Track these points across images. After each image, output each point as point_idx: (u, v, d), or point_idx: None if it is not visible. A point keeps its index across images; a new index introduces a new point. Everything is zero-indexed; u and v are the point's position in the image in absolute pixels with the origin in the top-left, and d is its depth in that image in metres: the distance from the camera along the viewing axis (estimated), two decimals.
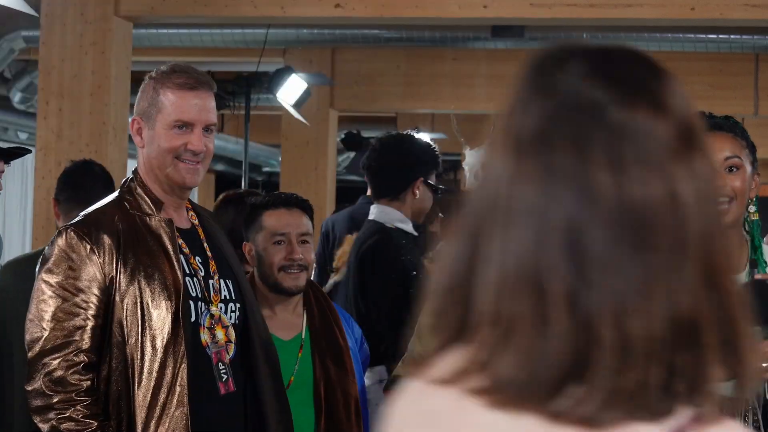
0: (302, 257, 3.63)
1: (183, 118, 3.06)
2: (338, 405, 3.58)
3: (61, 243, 2.96)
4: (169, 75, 3.09)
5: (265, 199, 3.76)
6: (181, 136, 3.06)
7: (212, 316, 3.08)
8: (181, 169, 3.07)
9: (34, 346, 2.92)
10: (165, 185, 3.09)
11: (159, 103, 3.07)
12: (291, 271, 3.62)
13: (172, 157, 3.06)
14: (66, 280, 2.93)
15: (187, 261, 3.06)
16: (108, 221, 3.00)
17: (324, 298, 3.78)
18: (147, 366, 2.92)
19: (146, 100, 3.09)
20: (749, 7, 7.35)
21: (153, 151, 3.07)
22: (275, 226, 3.66)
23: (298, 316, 3.71)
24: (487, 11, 7.67)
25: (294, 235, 3.65)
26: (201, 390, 2.99)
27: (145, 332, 2.93)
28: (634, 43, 9.86)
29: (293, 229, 3.66)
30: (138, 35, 9.19)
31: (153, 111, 3.07)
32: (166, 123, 3.06)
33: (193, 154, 3.07)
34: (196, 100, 3.07)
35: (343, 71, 11.79)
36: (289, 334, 3.66)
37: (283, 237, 3.64)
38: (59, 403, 2.86)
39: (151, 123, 3.08)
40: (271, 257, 3.64)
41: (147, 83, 3.12)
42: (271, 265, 3.63)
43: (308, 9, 7.86)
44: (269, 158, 16.96)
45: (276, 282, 3.64)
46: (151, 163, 3.08)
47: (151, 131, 3.08)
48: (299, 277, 3.63)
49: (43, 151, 7.86)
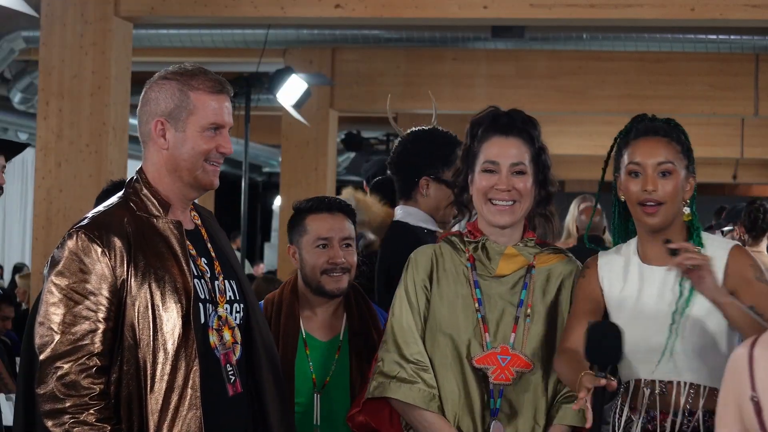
0: (344, 261, 3.73)
1: (218, 121, 3.07)
2: None
3: (72, 245, 2.94)
4: (195, 76, 3.08)
5: (309, 203, 3.84)
6: (214, 138, 3.08)
7: (220, 317, 3.08)
8: (210, 171, 3.09)
9: (44, 350, 2.90)
10: (187, 188, 3.09)
11: (190, 105, 3.05)
12: (333, 274, 3.72)
13: (203, 159, 3.07)
14: (77, 283, 2.92)
15: (194, 262, 3.06)
16: (117, 223, 2.99)
17: (364, 301, 3.84)
18: (159, 369, 2.91)
19: (172, 101, 3.06)
20: (749, 8, 7.35)
21: (184, 153, 3.06)
22: (319, 231, 3.75)
23: (338, 318, 3.78)
24: (487, 11, 7.67)
25: (337, 240, 3.74)
26: (211, 392, 2.99)
27: (156, 335, 2.93)
28: (634, 43, 9.86)
29: (336, 234, 3.75)
30: (138, 35, 9.19)
31: (182, 113, 3.05)
32: (201, 126, 3.06)
33: (221, 156, 3.10)
34: (224, 103, 3.11)
35: (343, 71, 11.79)
36: (328, 335, 3.74)
37: (327, 241, 3.74)
38: (73, 407, 2.86)
39: (180, 125, 3.05)
40: (314, 260, 3.73)
41: (166, 83, 3.08)
42: (314, 268, 3.72)
43: (308, 9, 7.85)
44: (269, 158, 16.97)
45: (319, 284, 3.72)
46: (179, 165, 3.06)
47: (181, 133, 3.06)
48: (341, 279, 3.72)
49: (43, 151, 7.86)
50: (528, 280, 3.38)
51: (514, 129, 3.39)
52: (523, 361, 3.31)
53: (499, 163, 3.35)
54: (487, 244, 3.38)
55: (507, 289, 3.37)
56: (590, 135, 15.33)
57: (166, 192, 3.08)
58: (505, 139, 3.38)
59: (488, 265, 3.38)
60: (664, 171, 3.28)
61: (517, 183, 3.35)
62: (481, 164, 3.37)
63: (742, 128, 13.21)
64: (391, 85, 11.95)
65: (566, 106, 11.91)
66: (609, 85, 11.68)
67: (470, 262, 3.38)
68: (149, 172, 3.09)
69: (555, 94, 11.77)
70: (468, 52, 11.42)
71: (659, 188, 3.25)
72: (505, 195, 3.34)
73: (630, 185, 3.30)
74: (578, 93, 11.76)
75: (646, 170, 3.28)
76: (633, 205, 3.31)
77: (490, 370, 3.29)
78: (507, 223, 3.37)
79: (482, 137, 3.40)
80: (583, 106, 11.94)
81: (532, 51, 11.24)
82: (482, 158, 3.37)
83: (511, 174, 3.35)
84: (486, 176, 3.36)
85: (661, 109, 11.93)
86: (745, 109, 11.43)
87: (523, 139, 3.39)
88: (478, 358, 3.30)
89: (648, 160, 3.28)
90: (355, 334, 3.74)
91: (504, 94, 11.85)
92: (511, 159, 3.36)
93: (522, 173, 3.36)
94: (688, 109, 11.34)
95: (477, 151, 3.40)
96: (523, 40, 9.92)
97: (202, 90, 3.06)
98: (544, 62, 11.66)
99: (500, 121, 3.41)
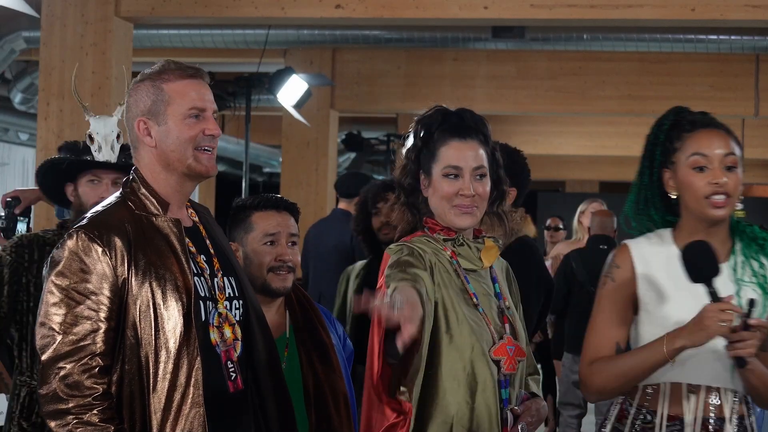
0: (291, 259, 3.68)
1: (197, 105, 3.05)
2: (327, 401, 3.61)
3: (72, 245, 2.94)
4: (165, 69, 3.08)
5: (254, 200, 3.78)
6: (198, 123, 3.06)
7: (220, 314, 3.08)
8: (202, 158, 3.07)
9: (46, 351, 2.90)
10: (183, 180, 3.08)
11: (165, 96, 3.05)
12: (280, 272, 3.66)
13: (192, 147, 3.05)
14: (77, 283, 2.91)
15: (194, 260, 3.06)
16: (116, 222, 2.98)
17: (305, 298, 3.81)
18: (161, 368, 2.91)
19: (148, 99, 3.07)
20: (749, 8, 7.36)
21: (171, 145, 3.05)
22: (266, 227, 3.69)
23: (282, 316, 3.73)
24: (487, 12, 7.68)
25: (284, 236, 3.70)
26: (212, 389, 2.99)
27: (158, 334, 2.92)
28: (635, 43, 9.86)
29: (284, 230, 3.70)
30: (138, 36, 9.20)
31: (160, 107, 3.05)
32: (180, 113, 3.05)
33: (211, 139, 3.07)
34: (201, 88, 3.08)
35: (343, 72, 11.80)
36: (275, 334, 3.65)
37: (274, 237, 3.69)
38: (76, 408, 2.85)
39: (161, 119, 3.05)
40: (261, 257, 3.67)
41: (141, 85, 3.09)
42: (261, 265, 3.66)
43: (309, 10, 7.86)
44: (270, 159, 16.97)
45: (264, 282, 3.66)
46: (169, 158, 3.06)
47: (163, 126, 3.05)
48: (287, 278, 3.67)
49: (43, 151, 7.87)
50: (495, 273, 3.42)
51: (471, 131, 3.37)
52: (521, 350, 3.35)
53: (462, 168, 3.33)
54: (465, 240, 3.39)
55: (486, 282, 3.39)
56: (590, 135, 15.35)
57: (163, 190, 3.08)
58: (464, 143, 3.35)
59: (474, 259, 3.38)
60: (729, 165, 3.16)
61: (479, 187, 3.34)
62: (442, 169, 3.34)
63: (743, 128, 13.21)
64: (391, 85, 11.97)
65: (566, 106, 11.92)
66: (609, 85, 11.69)
67: (454, 258, 3.38)
68: (145, 173, 3.09)
69: (555, 94, 11.78)
70: (468, 52, 11.43)
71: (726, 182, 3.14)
72: (468, 201, 3.33)
73: (695, 179, 3.16)
74: (578, 93, 11.77)
75: (712, 162, 3.15)
76: (698, 199, 3.17)
77: (502, 360, 3.31)
78: (469, 225, 3.37)
79: (438, 140, 3.37)
80: (583, 106, 11.95)
81: (533, 51, 11.25)
82: (442, 163, 3.34)
83: (473, 178, 3.34)
84: (448, 181, 3.34)
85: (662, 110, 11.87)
86: (745, 110, 11.44)
87: (480, 141, 3.38)
88: (494, 350, 3.30)
89: (715, 151, 3.16)
90: (300, 330, 3.70)
91: (504, 95, 11.86)
92: (473, 163, 3.34)
93: (483, 176, 3.36)
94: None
95: (434, 154, 3.36)
96: (523, 40, 9.93)
97: (174, 79, 3.06)
98: (545, 62, 11.68)
99: (453, 121, 3.39)
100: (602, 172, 19.75)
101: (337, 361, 3.70)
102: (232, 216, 3.79)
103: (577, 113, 12.94)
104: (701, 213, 3.18)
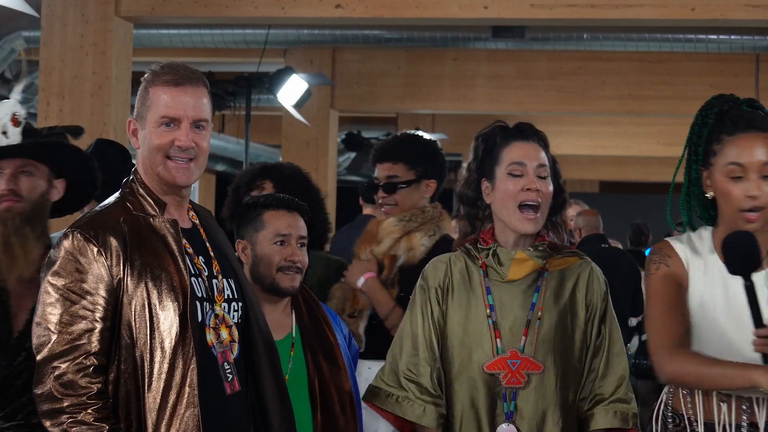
0: (300, 260, 3.70)
1: (169, 114, 3.03)
2: (333, 400, 3.62)
3: (68, 245, 2.95)
4: (158, 74, 3.08)
5: (266, 199, 3.80)
6: (169, 133, 3.04)
7: (217, 315, 3.08)
8: (171, 167, 3.04)
9: (42, 350, 2.90)
10: (161, 185, 3.09)
11: (148, 100, 3.06)
12: (289, 272, 3.68)
13: (162, 155, 3.03)
14: (73, 282, 2.92)
15: (191, 261, 3.06)
16: (113, 223, 2.99)
17: (311, 298, 3.83)
18: (156, 368, 2.91)
19: (139, 101, 3.09)
20: (749, 8, 7.36)
21: (145, 150, 3.06)
22: (278, 227, 3.71)
23: (287, 315, 3.74)
24: (487, 12, 7.68)
25: (295, 237, 3.71)
26: (208, 390, 2.99)
27: (153, 334, 2.92)
28: (635, 43, 9.86)
29: (294, 231, 3.72)
30: (138, 36, 9.20)
31: (144, 111, 3.07)
32: (154, 120, 3.04)
33: (181, 150, 3.03)
34: (182, 96, 3.04)
35: (343, 72, 11.80)
36: (280, 334, 3.69)
37: (285, 238, 3.70)
38: (70, 407, 2.85)
39: (143, 123, 3.07)
40: (271, 257, 3.69)
41: (141, 86, 3.11)
42: (270, 265, 3.68)
43: (309, 9, 7.86)
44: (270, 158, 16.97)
45: (273, 282, 3.68)
46: (146, 162, 3.07)
47: (144, 131, 3.07)
48: (295, 278, 3.69)
49: None
50: (540, 283, 3.40)
51: (532, 135, 3.44)
52: (533, 363, 3.34)
53: (526, 164, 3.38)
54: (498, 251, 3.41)
55: (520, 293, 3.40)
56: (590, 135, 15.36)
57: (155, 191, 3.09)
58: (527, 143, 3.42)
59: (500, 270, 3.40)
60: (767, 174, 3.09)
61: (542, 186, 3.38)
62: (506, 167, 3.39)
63: None
64: (391, 85, 11.97)
65: (566, 106, 11.92)
66: (609, 85, 11.69)
67: (483, 269, 3.41)
68: (140, 172, 3.11)
69: (555, 94, 11.78)
70: (468, 52, 11.43)
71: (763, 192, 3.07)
72: (534, 195, 3.36)
73: (732, 189, 3.10)
74: (578, 93, 11.77)
75: (749, 173, 3.08)
76: (733, 210, 3.10)
77: (501, 374, 3.32)
78: (532, 231, 3.40)
79: (501, 144, 3.43)
80: (583, 106, 11.95)
81: (533, 51, 11.24)
82: (506, 161, 3.40)
83: (536, 176, 3.38)
84: (513, 180, 3.38)
85: (662, 110, 11.94)
86: None
87: (541, 146, 3.44)
88: (488, 364, 3.34)
89: (752, 160, 3.07)
90: (306, 331, 3.72)
91: (504, 94, 11.86)
92: (537, 161, 3.39)
93: (545, 177, 3.40)
94: (688, 109, 11.31)
95: (496, 157, 3.42)
96: (523, 40, 9.93)
97: (159, 84, 3.05)
98: (545, 62, 11.67)
99: (515, 128, 3.46)
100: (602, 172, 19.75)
101: (343, 361, 3.72)
102: (242, 213, 3.81)
103: (577, 113, 12.94)
104: (734, 223, 3.12)
